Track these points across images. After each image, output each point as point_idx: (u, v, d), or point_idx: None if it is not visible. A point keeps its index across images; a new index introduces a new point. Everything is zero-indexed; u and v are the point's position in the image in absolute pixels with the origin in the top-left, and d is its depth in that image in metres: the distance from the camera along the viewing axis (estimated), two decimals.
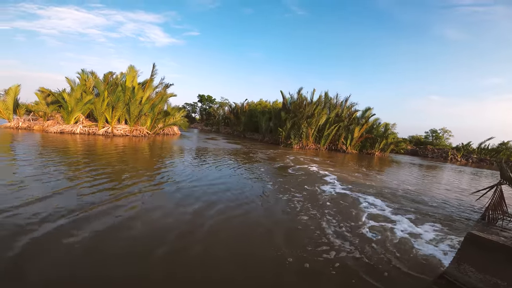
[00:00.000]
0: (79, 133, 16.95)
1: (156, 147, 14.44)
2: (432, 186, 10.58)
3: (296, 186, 7.63)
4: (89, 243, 3.27)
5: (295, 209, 5.48)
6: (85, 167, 7.30)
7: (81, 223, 3.75)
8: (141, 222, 4.06)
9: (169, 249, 3.33)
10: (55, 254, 2.97)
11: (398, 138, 32.03)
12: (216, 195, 5.98)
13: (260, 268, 3.15)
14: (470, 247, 3.19)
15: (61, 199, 4.58)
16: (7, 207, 4.01)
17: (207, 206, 5.12)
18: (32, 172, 6.20)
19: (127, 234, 3.62)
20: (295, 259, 3.38)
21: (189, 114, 49.68)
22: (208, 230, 4.04)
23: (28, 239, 3.18)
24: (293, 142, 24.40)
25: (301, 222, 4.76)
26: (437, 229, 5.14)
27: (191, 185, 6.54)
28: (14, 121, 17.13)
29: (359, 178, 10.51)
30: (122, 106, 18.40)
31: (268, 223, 4.60)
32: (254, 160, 12.77)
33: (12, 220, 3.62)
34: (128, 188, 5.75)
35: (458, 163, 30.88)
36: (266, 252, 3.53)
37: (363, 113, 27.95)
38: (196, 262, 3.13)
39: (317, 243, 3.90)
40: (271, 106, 34.84)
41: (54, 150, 9.71)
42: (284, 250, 3.61)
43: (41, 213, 3.92)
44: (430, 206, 7.00)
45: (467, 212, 6.79)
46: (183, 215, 4.54)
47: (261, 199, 6.08)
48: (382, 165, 17.91)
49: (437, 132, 43.10)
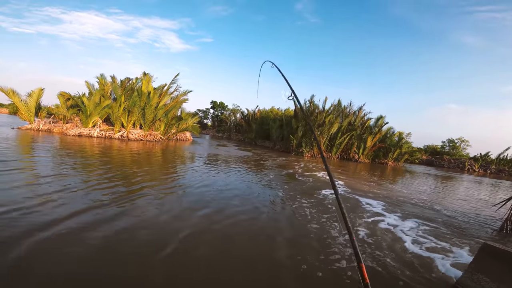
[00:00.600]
0: (96, 136, 17.52)
1: (169, 152, 14.71)
2: (449, 197, 10.21)
3: (305, 194, 7.57)
4: (102, 241, 3.37)
5: (306, 217, 5.44)
6: (101, 170, 7.53)
7: (95, 223, 3.87)
8: (151, 223, 4.13)
9: (173, 251, 3.38)
10: (60, 252, 3.07)
11: (412, 148, 31.31)
12: (226, 200, 6.03)
13: (273, 273, 3.14)
14: (485, 258, 3.16)
15: (74, 198, 4.75)
16: (22, 206, 4.19)
17: (216, 211, 5.17)
18: (50, 172, 6.46)
19: (137, 234, 3.70)
20: (309, 266, 3.35)
21: (201, 120, 50.40)
22: (217, 234, 4.07)
23: (35, 239, 3.31)
24: (304, 150, 24.26)
25: (311, 230, 4.71)
26: (456, 242, 4.96)
27: (202, 190, 6.63)
28: (35, 123, 17.93)
29: (370, 187, 10.30)
30: (138, 111, 18.94)
31: (278, 230, 4.58)
32: (264, 167, 12.78)
33: (27, 217, 3.78)
34: (141, 190, 5.89)
35: (476, 173, 29.79)
36: (275, 257, 3.53)
37: (376, 122, 27.54)
38: (202, 264, 3.16)
39: (329, 252, 3.85)
40: (282, 114, 34.87)
41: (73, 152, 10.08)
42: (297, 257, 3.59)
43: (53, 213, 4.07)
44: (448, 217, 6.76)
45: (486, 223, 6.52)
46: (191, 218, 4.60)
47: (271, 205, 6.07)
48: (396, 175, 17.49)
49: (454, 142, 41.89)
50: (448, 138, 42.74)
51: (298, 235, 4.47)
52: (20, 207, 4.07)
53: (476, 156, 36.44)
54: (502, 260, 3.00)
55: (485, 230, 6.20)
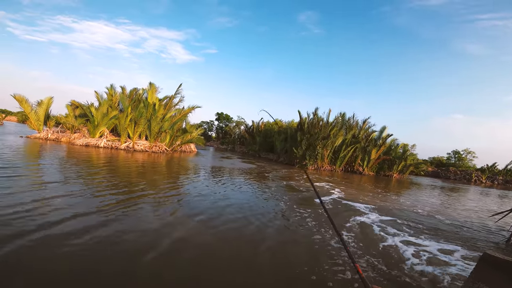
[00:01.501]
0: (102, 146, 17.80)
1: (174, 163, 14.85)
2: (457, 209, 10.07)
3: (310, 205, 7.57)
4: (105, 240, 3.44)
5: (311, 229, 5.44)
6: (105, 178, 7.66)
7: (93, 225, 3.95)
8: (152, 229, 4.19)
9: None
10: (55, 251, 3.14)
11: (418, 160, 31.03)
12: (230, 210, 6.06)
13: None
14: (485, 268, 3.14)
15: (76, 203, 4.85)
16: (28, 208, 4.30)
17: (222, 220, 5.21)
18: (58, 178, 6.59)
19: (135, 237, 3.76)
20: (318, 277, 3.36)
21: (206, 132, 50.78)
22: (226, 248, 4.11)
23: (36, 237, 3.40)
24: (308, 163, 24.23)
25: (315, 241, 4.72)
26: (464, 254, 4.90)
27: (203, 200, 6.68)
28: (44, 132, 18.31)
29: (375, 199, 10.23)
30: (144, 122, 19.27)
31: (284, 240, 4.60)
32: (268, 179, 12.80)
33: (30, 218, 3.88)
34: (144, 197, 5.97)
35: (483, 185, 29.37)
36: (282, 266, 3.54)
37: (379, 133, 27.51)
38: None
39: (333, 263, 3.86)
40: (286, 126, 35.06)
41: (80, 161, 10.27)
42: (303, 268, 3.60)
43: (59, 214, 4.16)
44: (456, 229, 6.67)
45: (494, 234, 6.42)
46: (199, 235, 4.65)
47: (277, 215, 6.09)
48: (401, 187, 17.30)
49: (460, 153, 41.50)
50: (454, 149, 42.50)
51: (307, 245, 4.48)
52: (27, 209, 4.19)
53: (483, 167, 36.01)
54: (503, 269, 2.99)
55: (494, 240, 6.11)
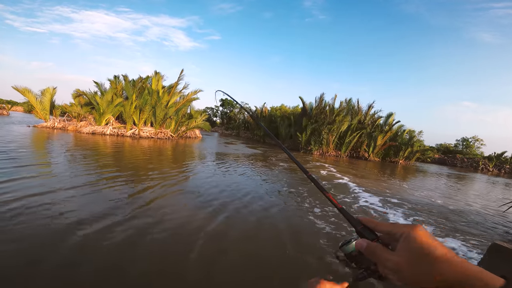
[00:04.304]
0: (109, 134, 17.91)
1: (179, 149, 14.91)
2: (465, 197, 10.02)
3: (315, 192, 7.57)
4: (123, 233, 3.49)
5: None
6: (113, 166, 7.73)
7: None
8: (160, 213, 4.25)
9: None
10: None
11: (424, 146, 30.67)
12: (238, 195, 6.10)
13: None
14: (494, 257, 3.13)
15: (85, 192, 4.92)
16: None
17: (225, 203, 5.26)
18: (66, 168, 6.68)
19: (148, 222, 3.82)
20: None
21: (210, 118, 50.72)
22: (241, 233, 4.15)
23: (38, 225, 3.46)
24: (313, 148, 24.13)
25: (322, 231, 4.74)
26: (474, 244, 4.90)
27: (212, 187, 6.72)
28: (50, 121, 18.45)
29: (381, 186, 10.21)
30: (149, 109, 19.24)
31: (286, 227, 4.63)
32: (272, 164, 12.81)
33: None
34: (151, 182, 6.03)
35: (490, 173, 29.09)
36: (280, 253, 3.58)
37: (386, 119, 27.09)
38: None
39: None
40: (291, 111, 34.69)
41: (89, 149, 10.37)
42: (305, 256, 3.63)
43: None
44: (464, 220, 6.65)
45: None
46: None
47: (285, 200, 6.12)
48: (406, 174, 17.22)
49: (468, 141, 40.90)
50: (462, 136, 41.89)
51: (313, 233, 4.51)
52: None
53: (491, 155, 35.52)
54: (511, 259, 2.98)
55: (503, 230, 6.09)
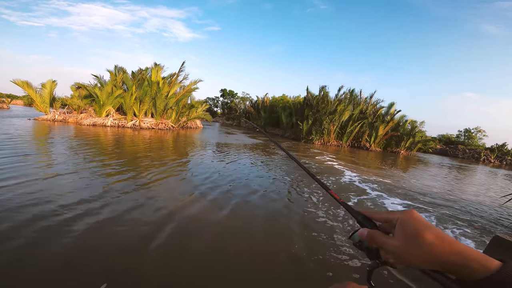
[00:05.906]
0: (109, 125, 17.90)
1: (181, 140, 14.91)
2: (467, 188, 10.04)
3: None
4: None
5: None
6: (116, 156, 7.76)
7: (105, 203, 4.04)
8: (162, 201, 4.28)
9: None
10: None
11: (426, 137, 30.57)
12: (239, 184, 6.12)
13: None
14: (495, 250, 3.14)
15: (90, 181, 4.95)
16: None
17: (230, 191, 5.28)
18: (69, 159, 6.70)
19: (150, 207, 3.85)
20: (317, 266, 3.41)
21: (211, 108, 50.52)
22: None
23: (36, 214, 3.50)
24: (314, 138, 24.09)
25: (325, 227, 4.76)
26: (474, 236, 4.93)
27: (213, 177, 6.73)
28: (51, 114, 18.40)
29: (382, 176, 10.22)
30: (149, 100, 19.14)
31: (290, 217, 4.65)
32: (274, 153, 12.81)
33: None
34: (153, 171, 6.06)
35: (491, 164, 29.07)
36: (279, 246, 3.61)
37: (387, 109, 26.90)
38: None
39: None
40: (292, 101, 34.45)
41: (92, 142, 10.39)
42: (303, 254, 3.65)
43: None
44: (465, 211, 6.68)
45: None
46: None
47: (285, 192, 6.14)
48: (408, 164, 17.22)
49: (470, 132, 40.66)
50: (465, 127, 41.62)
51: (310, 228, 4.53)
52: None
53: (493, 146, 35.40)
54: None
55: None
